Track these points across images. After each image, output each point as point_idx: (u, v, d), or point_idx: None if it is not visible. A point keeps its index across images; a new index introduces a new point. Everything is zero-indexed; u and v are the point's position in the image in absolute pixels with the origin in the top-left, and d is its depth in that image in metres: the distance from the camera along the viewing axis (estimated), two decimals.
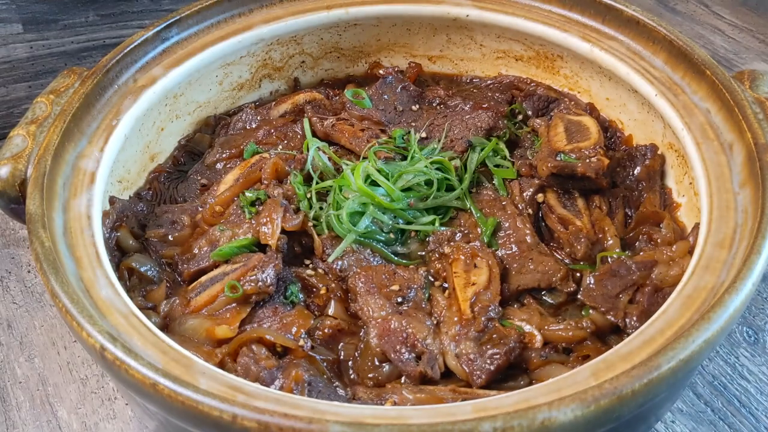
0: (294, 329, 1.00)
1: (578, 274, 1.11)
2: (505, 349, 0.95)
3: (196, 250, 1.13)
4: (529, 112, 1.38)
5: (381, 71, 1.51)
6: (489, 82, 1.49)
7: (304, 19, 1.40)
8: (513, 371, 0.98)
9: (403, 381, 0.96)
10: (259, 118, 1.39)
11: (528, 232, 1.14)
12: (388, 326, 0.99)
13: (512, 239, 1.14)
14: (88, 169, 1.08)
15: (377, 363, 0.98)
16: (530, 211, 1.19)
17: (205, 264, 1.10)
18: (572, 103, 1.37)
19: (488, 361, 0.95)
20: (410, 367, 0.95)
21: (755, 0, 2.21)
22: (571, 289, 1.08)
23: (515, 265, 1.11)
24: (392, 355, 0.96)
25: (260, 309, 1.03)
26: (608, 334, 1.04)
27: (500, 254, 1.13)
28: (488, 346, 0.96)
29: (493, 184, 1.24)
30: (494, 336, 0.97)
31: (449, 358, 0.97)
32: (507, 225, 1.16)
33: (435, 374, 0.96)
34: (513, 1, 1.40)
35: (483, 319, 0.99)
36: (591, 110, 1.36)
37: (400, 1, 1.43)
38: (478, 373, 0.94)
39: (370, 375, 0.97)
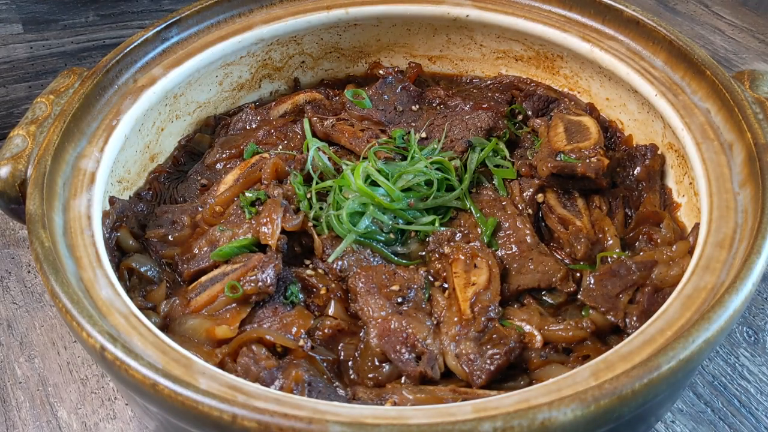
0: (294, 329, 1.00)
1: (578, 274, 1.11)
2: (505, 349, 0.95)
3: (196, 251, 1.13)
4: (529, 112, 1.38)
5: (381, 71, 1.51)
6: (489, 82, 1.49)
7: (304, 19, 1.40)
8: (513, 371, 0.98)
9: (403, 381, 0.96)
10: (259, 118, 1.39)
11: (528, 232, 1.14)
12: (388, 326, 0.99)
13: (512, 239, 1.14)
14: (88, 169, 1.08)
15: (377, 363, 0.98)
16: (530, 211, 1.19)
17: (205, 264, 1.10)
18: (572, 103, 1.37)
19: (488, 361, 0.95)
20: (410, 367, 0.95)
21: (755, 0, 2.21)
22: (571, 289, 1.08)
23: (515, 265, 1.11)
24: (392, 355, 0.96)
25: (260, 309, 1.03)
26: (608, 334, 1.04)
27: (500, 254, 1.13)
28: (488, 347, 0.96)
29: (493, 184, 1.24)
30: (494, 336, 0.97)
31: (449, 359, 0.97)
32: (507, 225, 1.16)
33: (435, 374, 0.96)
34: (513, 1, 1.40)
35: (483, 319, 0.99)
36: (591, 110, 1.36)
37: (400, 1, 1.43)
38: (478, 373, 0.94)
39: (370, 375, 0.97)
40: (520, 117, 1.38)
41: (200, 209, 1.20)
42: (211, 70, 1.36)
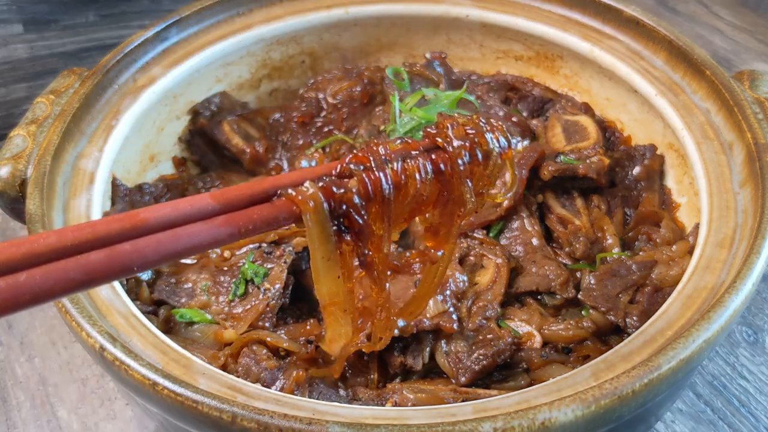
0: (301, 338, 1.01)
1: (578, 273, 1.11)
2: (492, 351, 0.95)
3: (183, 279, 1.09)
4: (525, 113, 1.38)
5: (427, 55, 1.47)
6: (487, 79, 1.48)
7: (304, 18, 1.40)
8: (513, 371, 0.98)
9: (403, 381, 0.96)
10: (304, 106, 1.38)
11: (535, 234, 1.14)
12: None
13: (518, 240, 1.14)
14: (88, 169, 1.08)
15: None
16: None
17: (176, 303, 1.06)
18: (568, 103, 1.37)
19: (474, 362, 0.95)
20: (392, 356, 0.95)
21: (755, 0, 2.21)
22: (570, 295, 1.07)
23: (517, 267, 1.11)
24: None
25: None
26: (608, 334, 1.04)
27: None
28: (478, 347, 0.96)
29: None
30: (488, 336, 0.97)
31: (438, 355, 0.97)
32: (515, 226, 1.15)
33: (416, 365, 0.95)
34: (513, 1, 1.40)
35: (479, 318, 0.99)
36: (586, 110, 1.36)
37: (400, 1, 1.43)
38: (462, 371, 0.94)
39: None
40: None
41: None
42: (210, 69, 1.36)
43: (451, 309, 0.96)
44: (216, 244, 0.60)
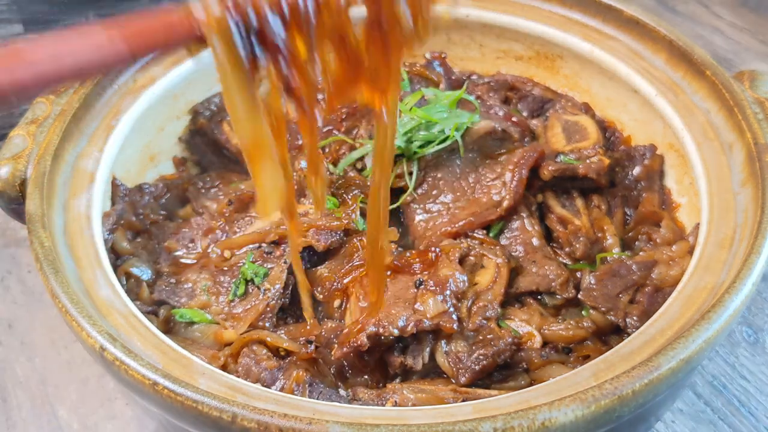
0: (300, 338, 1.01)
1: (578, 273, 1.11)
2: (492, 351, 0.95)
3: (183, 279, 1.09)
4: (525, 113, 1.38)
5: (427, 55, 1.47)
6: (487, 79, 1.48)
7: None
8: (513, 371, 0.98)
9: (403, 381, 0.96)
10: None
11: (535, 234, 1.14)
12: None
13: (518, 240, 1.14)
14: (88, 169, 1.08)
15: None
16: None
17: (176, 303, 1.06)
18: (568, 103, 1.37)
19: (474, 362, 0.95)
20: (393, 356, 0.95)
21: (755, 0, 2.21)
22: (570, 295, 1.07)
23: (517, 267, 1.11)
24: (380, 330, 0.94)
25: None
26: (608, 334, 1.04)
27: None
28: (478, 347, 0.96)
29: None
30: (488, 336, 0.97)
31: (438, 355, 0.97)
32: (515, 225, 1.15)
33: (416, 365, 0.95)
34: (513, 1, 1.40)
35: (479, 318, 0.99)
36: (587, 110, 1.36)
37: None
38: (462, 371, 0.94)
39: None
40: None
41: (219, 236, 1.13)
42: (211, 69, 1.34)
43: (451, 309, 0.96)
44: (105, 66, 0.54)
